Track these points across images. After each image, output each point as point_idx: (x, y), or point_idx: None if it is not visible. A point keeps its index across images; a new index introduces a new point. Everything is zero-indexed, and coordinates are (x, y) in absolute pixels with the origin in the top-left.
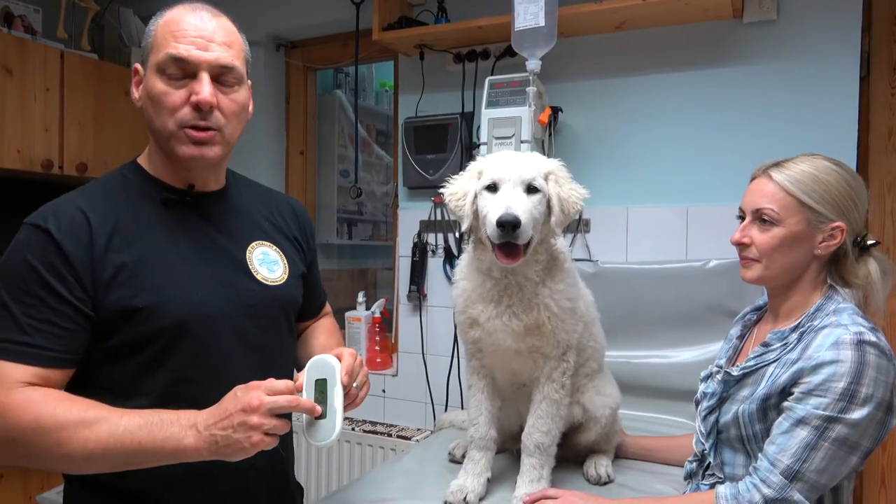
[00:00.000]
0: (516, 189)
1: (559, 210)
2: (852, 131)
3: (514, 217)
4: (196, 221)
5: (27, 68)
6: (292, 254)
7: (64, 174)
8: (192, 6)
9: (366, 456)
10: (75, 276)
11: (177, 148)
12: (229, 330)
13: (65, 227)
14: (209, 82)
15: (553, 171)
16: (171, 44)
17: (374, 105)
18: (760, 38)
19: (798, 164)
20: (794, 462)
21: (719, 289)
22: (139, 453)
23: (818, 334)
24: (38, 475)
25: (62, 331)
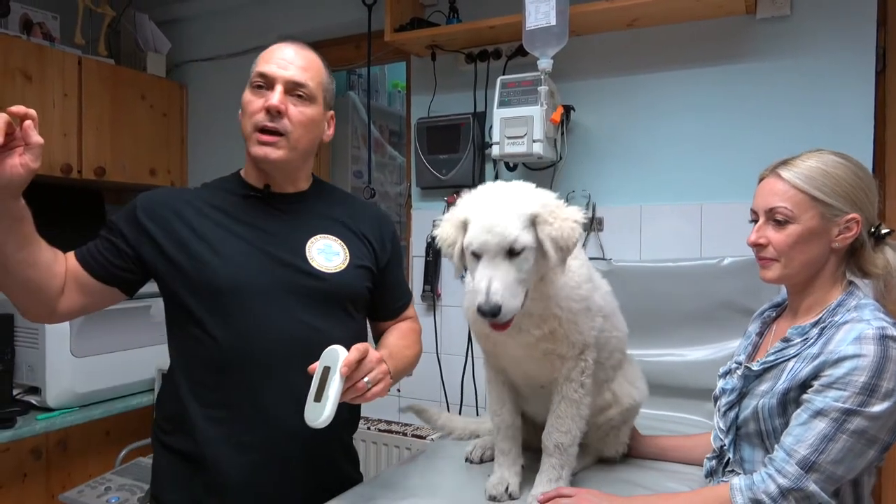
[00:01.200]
0: (496, 259)
1: (554, 250)
2: (868, 127)
3: (492, 307)
4: (267, 214)
5: (46, 74)
6: (359, 250)
7: (83, 178)
8: (291, 42)
9: (381, 455)
10: (142, 238)
11: (251, 148)
12: (272, 304)
13: (151, 203)
14: (281, 92)
15: (538, 212)
16: (261, 64)
17: (387, 106)
18: (774, 34)
19: (805, 160)
20: (811, 453)
21: (734, 286)
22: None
23: (840, 329)
24: (59, 475)
25: (109, 256)
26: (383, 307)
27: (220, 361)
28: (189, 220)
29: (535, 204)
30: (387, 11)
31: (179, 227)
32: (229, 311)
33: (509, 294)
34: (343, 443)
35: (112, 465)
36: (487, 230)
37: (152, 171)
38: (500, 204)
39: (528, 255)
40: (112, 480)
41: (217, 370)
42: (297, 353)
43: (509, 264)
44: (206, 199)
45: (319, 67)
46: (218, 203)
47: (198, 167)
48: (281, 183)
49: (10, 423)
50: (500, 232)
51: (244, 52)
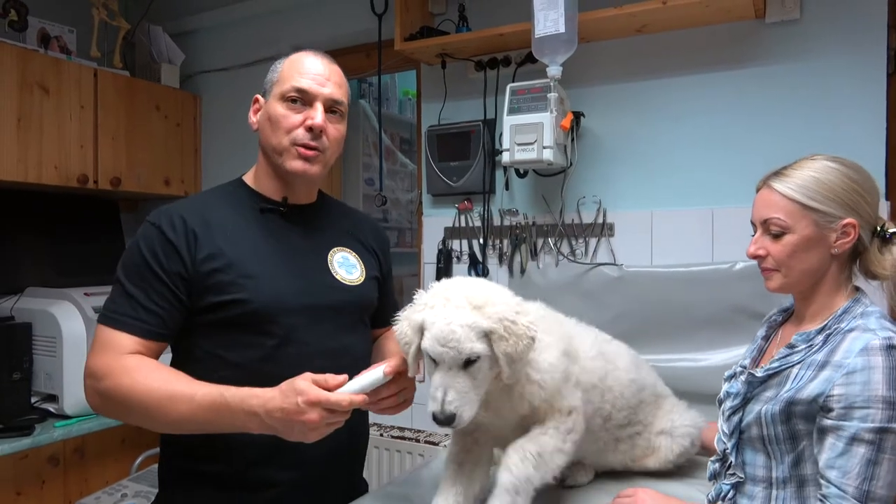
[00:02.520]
0: (452, 370)
1: (507, 366)
2: (880, 129)
3: (447, 416)
4: (287, 228)
5: (63, 87)
6: (369, 262)
7: (99, 188)
8: (312, 52)
9: (394, 461)
10: (175, 266)
11: (287, 162)
12: (308, 319)
13: (172, 227)
14: (323, 111)
15: (494, 328)
16: (296, 78)
17: (398, 113)
18: (784, 38)
19: (797, 169)
20: (861, 482)
21: (746, 291)
22: (210, 427)
23: (845, 337)
24: (76, 482)
25: (160, 309)
26: (382, 316)
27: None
28: (216, 240)
29: (492, 318)
30: (397, 21)
31: (207, 245)
32: (269, 332)
33: (465, 402)
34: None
35: (128, 472)
36: (443, 343)
37: (167, 181)
38: (457, 315)
39: (483, 363)
40: (128, 487)
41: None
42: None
43: (465, 374)
44: (224, 215)
45: (346, 83)
46: (237, 218)
47: (211, 177)
48: (299, 195)
49: (29, 431)
50: (455, 346)
51: (256, 62)
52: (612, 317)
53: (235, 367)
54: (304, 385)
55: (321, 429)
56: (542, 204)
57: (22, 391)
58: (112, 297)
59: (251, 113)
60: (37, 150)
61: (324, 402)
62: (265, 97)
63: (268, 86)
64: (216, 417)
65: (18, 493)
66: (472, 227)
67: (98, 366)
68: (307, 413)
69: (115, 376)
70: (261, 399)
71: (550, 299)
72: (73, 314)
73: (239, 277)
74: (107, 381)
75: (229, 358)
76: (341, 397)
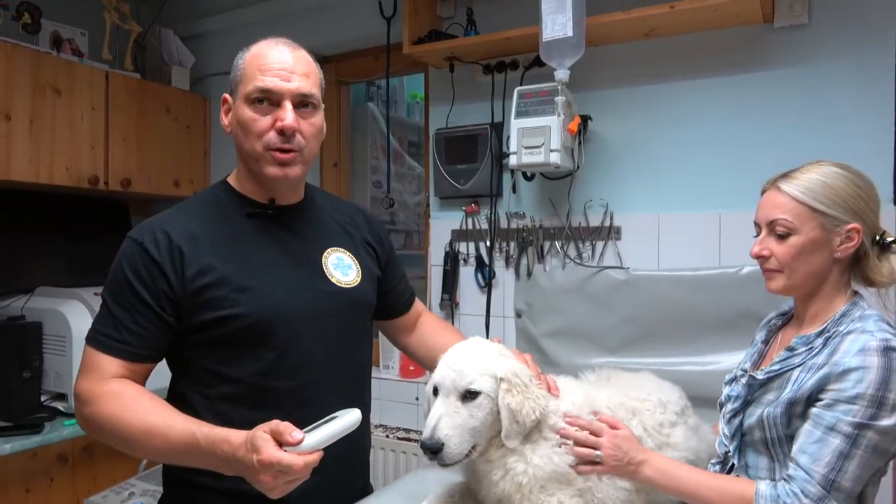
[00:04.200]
0: (450, 398)
1: (510, 422)
2: (889, 134)
3: (434, 443)
4: (277, 231)
5: (75, 89)
6: (365, 258)
7: (109, 189)
8: (274, 41)
9: (399, 462)
10: (161, 286)
11: (264, 168)
12: (308, 328)
13: (156, 244)
14: (292, 109)
15: (506, 377)
16: (259, 77)
17: (406, 116)
18: (792, 43)
19: (805, 172)
20: (830, 472)
21: (753, 295)
22: (186, 463)
23: (844, 339)
24: (85, 480)
25: (145, 331)
26: (396, 304)
27: (263, 398)
28: (204, 254)
29: (508, 370)
30: (405, 24)
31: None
32: (268, 345)
33: (456, 435)
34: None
35: (135, 471)
36: (448, 366)
37: (176, 183)
38: (471, 352)
39: (483, 402)
40: (135, 486)
41: (258, 407)
42: (336, 377)
43: (462, 406)
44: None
45: (315, 67)
46: (224, 227)
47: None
48: (286, 196)
49: (39, 429)
50: (459, 370)
51: None
52: (618, 320)
53: (235, 382)
54: (260, 442)
55: (280, 488)
56: (548, 207)
57: (32, 390)
58: (98, 317)
59: (222, 114)
60: (49, 151)
61: (276, 464)
62: (233, 97)
63: (233, 84)
64: (189, 456)
65: (28, 491)
66: (479, 229)
67: (83, 390)
68: (261, 474)
69: (96, 403)
70: (231, 447)
71: (557, 302)
72: (83, 314)
73: (232, 292)
74: (90, 406)
75: (228, 374)
76: (294, 461)
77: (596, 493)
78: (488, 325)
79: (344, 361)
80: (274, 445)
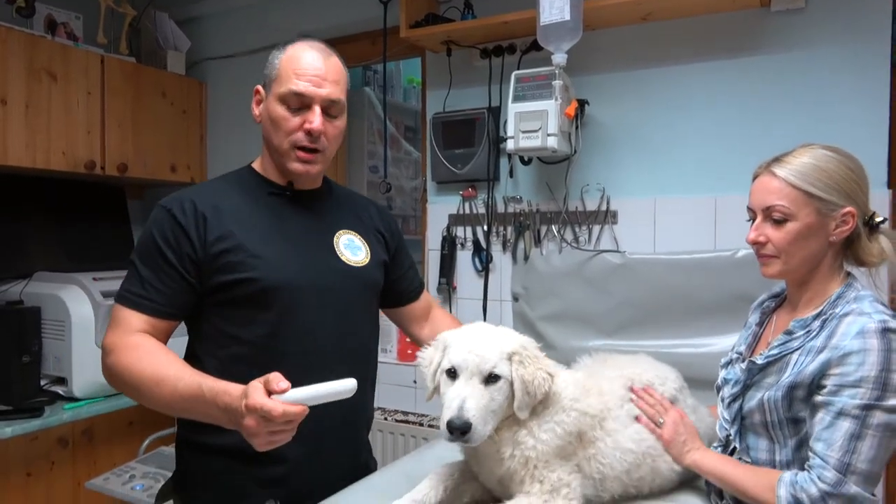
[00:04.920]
0: (473, 380)
1: (523, 394)
2: (883, 118)
3: (463, 423)
4: (293, 211)
5: (70, 73)
6: (375, 244)
7: (106, 174)
8: (309, 45)
9: (398, 444)
10: (185, 248)
11: (288, 163)
12: (315, 298)
13: (183, 211)
14: (320, 114)
15: (517, 350)
16: (293, 80)
17: (402, 101)
18: (788, 27)
19: (798, 156)
20: (843, 455)
21: (748, 278)
22: (191, 415)
23: (841, 321)
24: (85, 463)
25: (169, 290)
26: (405, 291)
27: (269, 361)
28: (226, 223)
29: (516, 343)
30: (402, 8)
31: (217, 227)
32: (275, 310)
33: (481, 416)
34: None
35: (135, 454)
36: (469, 350)
37: (173, 168)
38: (485, 336)
39: (503, 386)
40: (136, 468)
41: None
42: (340, 349)
43: (485, 389)
44: (233, 199)
45: (344, 74)
46: (246, 202)
47: (217, 163)
48: (304, 183)
49: (39, 413)
50: (482, 354)
51: (262, 49)
52: (614, 304)
53: (244, 343)
54: (251, 389)
55: (262, 436)
56: (545, 191)
57: (31, 374)
58: (127, 278)
59: (253, 104)
60: (45, 135)
61: (259, 409)
62: (266, 92)
63: (267, 80)
64: (194, 406)
65: (28, 474)
66: (477, 213)
67: (108, 341)
68: (246, 418)
69: (117, 353)
70: (230, 397)
71: (554, 286)
72: (81, 298)
73: (248, 258)
74: (112, 356)
75: (238, 335)
76: (274, 406)
77: (601, 460)
78: (486, 309)
79: (349, 335)
80: (263, 393)
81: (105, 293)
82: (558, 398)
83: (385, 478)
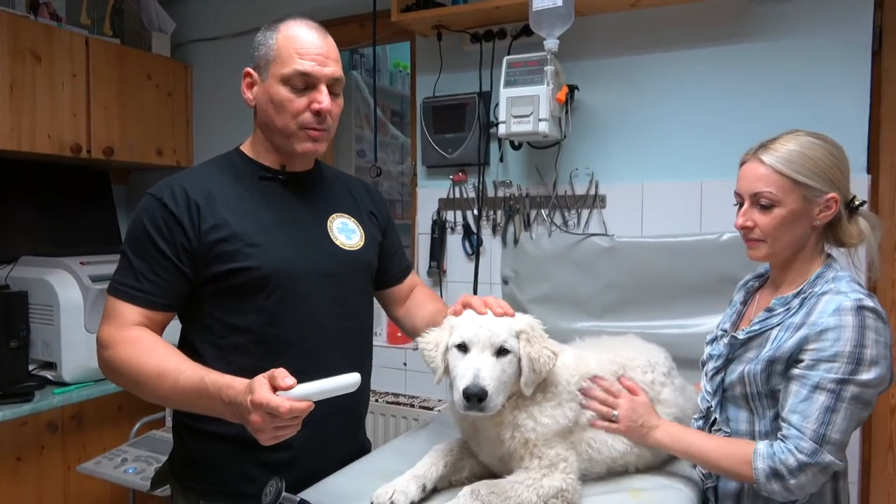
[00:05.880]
0: (485, 352)
1: (529, 370)
2: (864, 105)
3: (480, 389)
4: (287, 195)
5: (55, 55)
6: (368, 225)
7: (92, 158)
8: (303, 23)
9: (389, 426)
10: (179, 238)
11: (295, 144)
12: (313, 284)
13: (174, 200)
14: (327, 93)
15: (524, 329)
16: (297, 60)
17: (388, 85)
18: (774, 15)
19: (784, 143)
20: (819, 426)
21: (733, 260)
22: (193, 409)
23: (820, 300)
24: (75, 448)
25: (164, 281)
26: (389, 272)
27: (270, 349)
28: (220, 211)
29: (524, 322)
30: None
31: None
32: (274, 297)
33: (495, 385)
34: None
35: (124, 439)
36: (480, 325)
37: (159, 151)
38: (492, 315)
39: (513, 360)
40: (128, 452)
41: (266, 357)
42: (339, 333)
43: (496, 361)
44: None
45: (338, 52)
46: (238, 187)
47: (203, 147)
48: (297, 165)
49: (29, 398)
50: (492, 328)
51: (248, 31)
52: (603, 286)
53: (244, 332)
54: (256, 384)
55: (268, 431)
56: (535, 176)
57: (19, 359)
58: (119, 269)
59: (244, 88)
60: (30, 118)
61: (264, 405)
62: (261, 74)
63: (261, 62)
64: (196, 400)
65: (18, 459)
66: (467, 198)
67: (103, 335)
68: (251, 413)
69: (114, 347)
70: (234, 391)
71: (543, 269)
72: (69, 283)
73: (245, 246)
74: (109, 350)
75: (238, 324)
76: (280, 403)
77: (592, 444)
78: (476, 292)
79: (347, 319)
80: (268, 389)
81: (94, 277)
82: (559, 379)
83: (382, 457)
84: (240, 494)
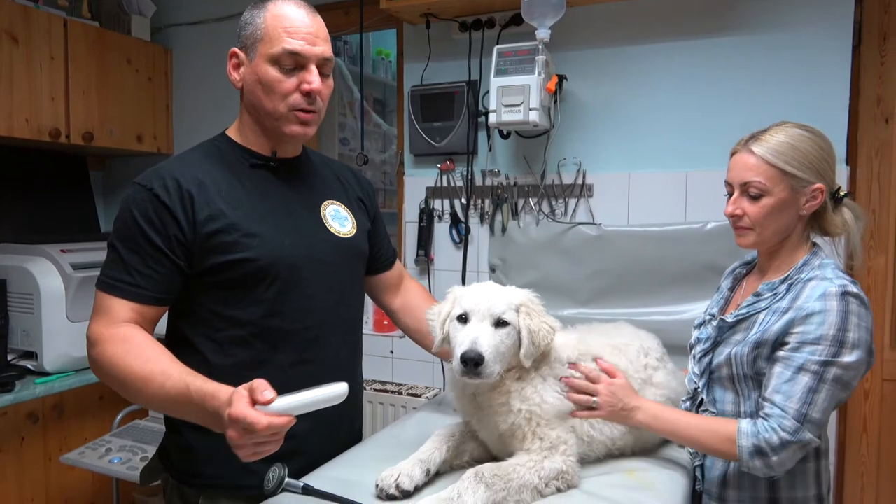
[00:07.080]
0: (484, 322)
1: (529, 342)
2: (844, 99)
3: (477, 354)
4: (278, 182)
5: (33, 37)
6: (358, 212)
7: (71, 143)
8: (292, 1)
9: (377, 413)
10: (172, 231)
11: (284, 127)
12: (311, 273)
13: (166, 190)
14: (317, 73)
15: (524, 302)
16: (286, 39)
17: (372, 73)
18: (760, 9)
19: (774, 135)
20: (801, 406)
21: (717, 249)
22: (178, 416)
23: (806, 286)
24: (56, 439)
25: (157, 275)
26: (380, 259)
27: (269, 340)
28: (214, 201)
29: (523, 295)
30: None
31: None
32: (273, 288)
33: (492, 353)
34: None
35: (106, 429)
36: (480, 297)
37: (139, 137)
38: (494, 288)
39: (512, 332)
40: (111, 442)
41: (266, 348)
42: (336, 321)
43: (495, 331)
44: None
45: (328, 32)
46: (229, 175)
47: (183, 133)
48: (287, 150)
49: (9, 388)
50: (491, 299)
51: (230, 16)
52: (589, 273)
53: (242, 324)
54: (235, 397)
55: (247, 448)
56: (523, 165)
57: None
58: (108, 263)
59: (230, 68)
60: (7, 101)
61: (241, 420)
62: (248, 54)
63: (248, 41)
64: (181, 408)
65: None
66: (455, 186)
67: (93, 332)
68: (229, 428)
69: (103, 344)
70: (217, 402)
71: (531, 257)
72: (50, 271)
73: (242, 237)
74: (97, 348)
75: (235, 316)
76: (257, 419)
77: (593, 423)
78: (464, 280)
79: (342, 306)
80: (247, 402)
81: (75, 265)
82: (557, 354)
83: (378, 443)
84: (242, 487)
